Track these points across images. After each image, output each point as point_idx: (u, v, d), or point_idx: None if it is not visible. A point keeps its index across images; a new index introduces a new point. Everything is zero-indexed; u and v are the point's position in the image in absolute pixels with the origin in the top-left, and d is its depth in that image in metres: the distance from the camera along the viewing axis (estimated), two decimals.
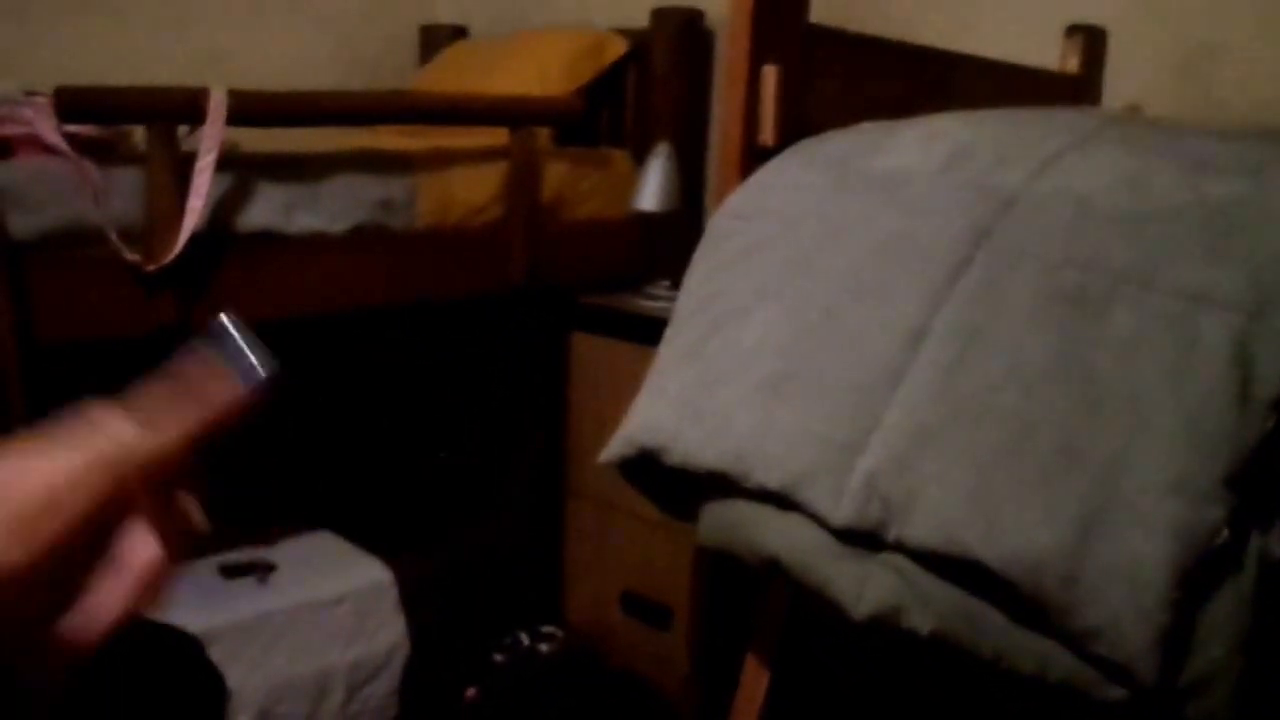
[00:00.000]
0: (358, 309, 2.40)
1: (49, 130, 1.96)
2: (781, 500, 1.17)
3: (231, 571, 2.50)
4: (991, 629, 1.02)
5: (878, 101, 1.63)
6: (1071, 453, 0.99)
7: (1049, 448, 1.00)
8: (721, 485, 1.24)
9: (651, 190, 2.66)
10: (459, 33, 3.63)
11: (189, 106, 2.02)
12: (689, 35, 2.97)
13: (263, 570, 2.52)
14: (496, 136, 2.58)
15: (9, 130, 1.99)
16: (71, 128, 2.00)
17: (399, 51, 3.69)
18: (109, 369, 2.41)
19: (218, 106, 2.03)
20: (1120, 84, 2.29)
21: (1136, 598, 0.92)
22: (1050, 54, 2.22)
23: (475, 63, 3.20)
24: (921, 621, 1.06)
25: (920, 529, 1.04)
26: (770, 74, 1.50)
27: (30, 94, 2.10)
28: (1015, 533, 0.98)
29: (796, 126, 1.51)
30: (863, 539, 1.10)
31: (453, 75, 3.17)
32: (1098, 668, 0.96)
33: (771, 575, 1.22)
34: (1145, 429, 0.96)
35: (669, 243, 2.75)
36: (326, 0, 3.54)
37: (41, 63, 2.88)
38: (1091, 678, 0.97)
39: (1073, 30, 2.22)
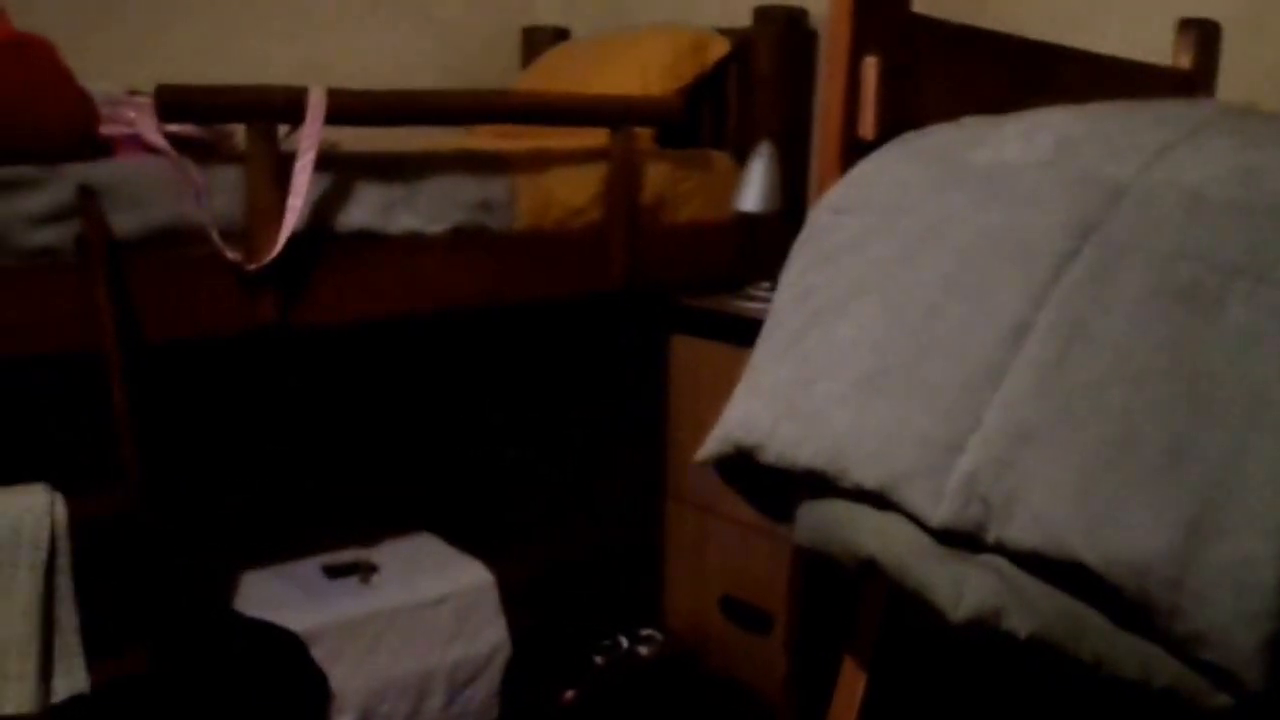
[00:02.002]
0: (457, 310, 2.41)
1: (151, 130, 1.99)
2: (879, 500, 1.15)
3: (334, 572, 2.52)
4: (1093, 632, 0.99)
5: (981, 95, 1.59)
6: (1180, 451, 0.95)
7: (1156, 446, 0.96)
8: (817, 484, 1.22)
9: (753, 191, 2.64)
10: (561, 34, 3.64)
11: (288, 105, 2.04)
12: (792, 34, 2.94)
13: (365, 571, 2.53)
14: (597, 137, 2.58)
15: (112, 130, 2.01)
16: (173, 127, 2.02)
17: (501, 53, 3.71)
18: (208, 367, 2.45)
19: (316, 105, 2.04)
20: (1235, 80, 2.22)
21: (1246, 601, 0.89)
22: (1162, 50, 2.16)
23: (576, 63, 3.20)
24: (1021, 624, 1.03)
25: (1021, 530, 1.01)
26: (871, 65, 1.48)
27: (133, 94, 2.14)
28: (1120, 534, 0.95)
29: (898, 119, 1.48)
30: (962, 540, 1.08)
31: (554, 76, 3.18)
32: (1204, 674, 0.93)
33: (868, 576, 1.20)
34: (1258, 426, 0.93)
35: (770, 244, 2.72)
36: (429, 3, 3.56)
37: (145, 66, 2.92)
38: (1197, 684, 0.94)
39: (1185, 25, 2.16)
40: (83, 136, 1.93)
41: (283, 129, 2.06)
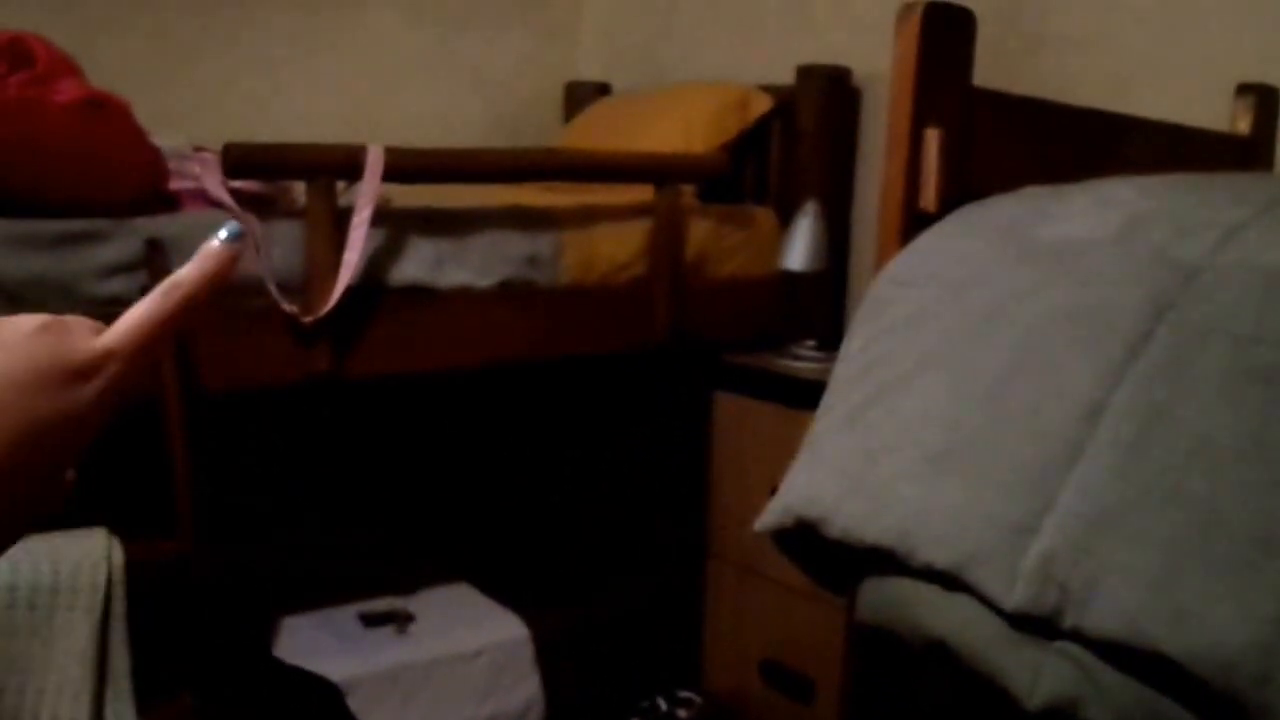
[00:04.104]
0: (503, 363, 2.42)
1: (215, 185, 2.04)
2: (949, 580, 1.13)
3: (371, 620, 2.52)
4: None
5: (1040, 164, 1.58)
6: (1267, 540, 0.93)
7: (1242, 535, 0.95)
8: (884, 562, 1.21)
9: (799, 249, 2.64)
10: (602, 89, 3.66)
11: (348, 163, 2.07)
12: (835, 92, 2.95)
13: (402, 620, 2.53)
14: (641, 193, 2.59)
15: (178, 185, 2.05)
16: (236, 183, 2.06)
17: (544, 108, 3.73)
18: (249, 415, 2.46)
19: (375, 163, 2.07)
20: None
21: None
22: (1218, 114, 2.15)
23: (619, 119, 3.21)
24: (1099, 714, 1.01)
25: (1101, 618, 0.99)
26: (932, 138, 1.47)
27: (198, 149, 2.17)
28: (1205, 626, 0.93)
29: (959, 190, 1.48)
30: (1036, 625, 1.06)
31: (597, 132, 3.19)
32: None
33: (936, 658, 1.18)
34: None
35: (814, 302, 2.72)
36: (473, 59, 3.59)
37: (206, 121, 2.96)
38: None
39: (1244, 90, 2.14)
40: (153, 191, 1.97)
41: (339, 184, 2.09)
